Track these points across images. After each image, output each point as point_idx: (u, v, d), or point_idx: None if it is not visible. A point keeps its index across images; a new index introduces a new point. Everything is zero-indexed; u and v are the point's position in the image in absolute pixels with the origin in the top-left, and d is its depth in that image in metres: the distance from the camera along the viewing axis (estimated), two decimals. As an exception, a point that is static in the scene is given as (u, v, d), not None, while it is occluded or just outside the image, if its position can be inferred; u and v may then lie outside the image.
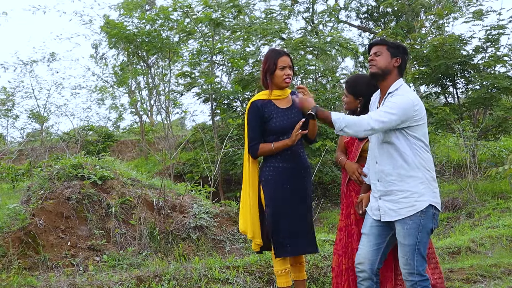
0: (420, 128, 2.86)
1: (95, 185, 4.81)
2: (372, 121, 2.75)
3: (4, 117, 14.38)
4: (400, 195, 2.84)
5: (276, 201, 3.36)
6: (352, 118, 2.80)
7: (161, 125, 14.36)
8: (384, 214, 2.89)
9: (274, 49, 3.50)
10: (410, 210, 2.81)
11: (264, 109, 3.38)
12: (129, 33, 11.50)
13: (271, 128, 3.38)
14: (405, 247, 2.82)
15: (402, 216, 2.82)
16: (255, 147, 3.38)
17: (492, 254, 5.52)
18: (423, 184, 2.83)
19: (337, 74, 13.38)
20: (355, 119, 2.78)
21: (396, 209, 2.84)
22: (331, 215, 9.92)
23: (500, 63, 10.42)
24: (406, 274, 2.84)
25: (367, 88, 3.29)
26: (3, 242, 4.09)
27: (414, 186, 2.82)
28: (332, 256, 3.43)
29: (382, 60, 2.92)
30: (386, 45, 2.95)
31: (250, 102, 3.44)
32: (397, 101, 2.80)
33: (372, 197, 3.01)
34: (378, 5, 18.84)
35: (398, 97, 2.84)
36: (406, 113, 2.78)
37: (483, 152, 10.53)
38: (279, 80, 3.39)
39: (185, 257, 4.47)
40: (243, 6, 11.56)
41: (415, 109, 2.82)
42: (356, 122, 2.77)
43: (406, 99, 2.82)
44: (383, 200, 2.90)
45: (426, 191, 2.83)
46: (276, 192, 3.37)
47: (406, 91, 2.89)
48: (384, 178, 2.89)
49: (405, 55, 2.96)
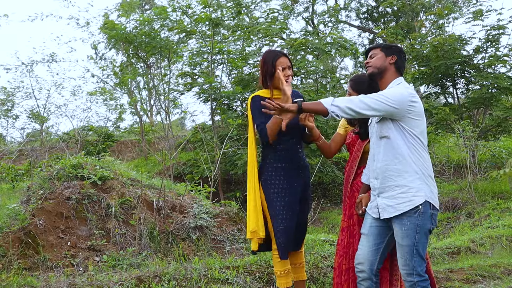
0: (418, 125, 2.86)
1: (95, 185, 4.81)
2: (360, 103, 2.75)
3: (4, 117, 14.39)
4: (398, 190, 2.85)
5: (276, 201, 3.37)
6: (342, 98, 2.82)
7: (161, 125, 14.36)
8: (383, 211, 2.90)
9: (271, 50, 3.49)
10: (407, 205, 2.81)
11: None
12: (128, 34, 11.53)
13: None
14: (404, 248, 2.83)
15: (400, 211, 2.82)
16: (264, 130, 3.32)
17: (492, 254, 5.52)
18: (420, 180, 2.84)
19: (337, 75, 13.37)
20: (344, 98, 2.80)
21: (393, 205, 2.85)
22: (331, 215, 9.92)
23: (500, 63, 10.43)
24: (405, 275, 2.85)
25: (370, 86, 3.31)
26: (3, 242, 4.09)
27: (411, 182, 2.83)
28: (334, 256, 3.43)
29: (377, 59, 3.00)
30: (379, 47, 3.04)
31: (252, 96, 3.44)
32: (393, 91, 2.84)
33: (372, 196, 3.03)
34: (377, 5, 18.86)
35: (395, 88, 2.89)
36: (401, 103, 2.79)
37: (483, 152, 10.53)
38: (278, 81, 3.37)
39: (185, 257, 4.47)
40: (247, 6, 11.56)
41: (412, 100, 2.82)
42: (345, 99, 2.78)
43: (403, 89, 2.85)
44: (381, 197, 2.92)
45: (423, 186, 2.83)
46: (275, 192, 3.37)
47: (406, 86, 2.91)
48: (381, 174, 2.91)
49: (401, 53, 3.00)
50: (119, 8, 13.92)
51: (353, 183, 3.38)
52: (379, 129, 2.92)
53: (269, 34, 10.47)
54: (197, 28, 10.62)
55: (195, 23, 10.24)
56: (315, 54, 11.47)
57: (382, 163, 2.90)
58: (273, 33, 10.42)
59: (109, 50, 14.69)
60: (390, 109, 2.78)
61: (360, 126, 3.34)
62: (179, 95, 12.19)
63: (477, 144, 9.61)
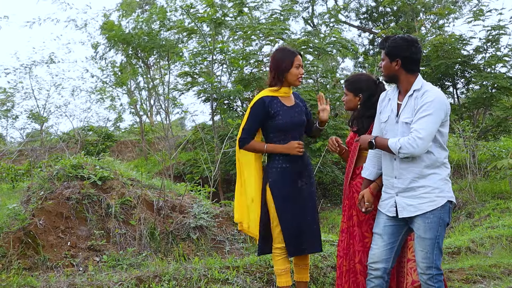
0: (447, 124, 2.87)
1: (95, 185, 4.81)
2: (419, 140, 2.73)
3: (4, 118, 14.38)
4: (422, 190, 2.84)
5: (286, 201, 3.39)
6: (403, 139, 2.77)
7: (160, 125, 14.36)
8: (402, 210, 2.89)
9: (287, 48, 3.53)
10: (430, 205, 2.82)
11: (271, 106, 3.41)
12: (126, 35, 11.52)
13: (275, 124, 3.41)
14: (426, 241, 2.83)
15: (422, 211, 2.83)
16: (246, 140, 3.43)
17: (492, 254, 5.52)
18: (442, 180, 2.86)
19: (337, 75, 13.36)
20: (405, 140, 2.76)
21: (415, 204, 2.84)
22: (331, 215, 9.91)
23: (500, 63, 10.43)
24: (425, 268, 2.84)
25: (366, 85, 3.32)
26: (3, 242, 4.09)
27: (435, 182, 2.84)
28: (335, 257, 3.44)
29: (384, 67, 2.95)
30: (383, 49, 2.95)
31: (258, 97, 3.45)
32: (432, 105, 2.76)
33: (386, 194, 2.99)
34: (377, 6, 18.86)
35: (431, 98, 2.78)
36: (445, 112, 2.81)
37: (483, 152, 10.53)
38: (293, 78, 3.43)
39: (185, 257, 4.47)
40: (250, 8, 11.56)
41: (448, 103, 2.84)
42: (406, 142, 2.75)
43: (440, 98, 2.81)
44: (401, 197, 2.89)
45: (445, 187, 2.86)
46: (285, 192, 3.40)
47: (431, 89, 2.85)
48: (405, 175, 2.87)
49: (406, 52, 2.86)
50: (119, 8, 13.91)
51: (351, 183, 3.35)
52: (406, 130, 2.85)
53: (270, 34, 10.46)
54: (198, 28, 10.61)
55: (198, 21, 10.22)
56: (316, 54, 11.46)
57: (406, 164, 2.86)
58: (275, 32, 10.41)
59: (109, 51, 14.69)
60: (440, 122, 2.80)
61: (357, 123, 3.33)
62: (179, 95, 12.20)
63: (477, 144, 9.60)
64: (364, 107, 3.31)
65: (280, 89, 3.45)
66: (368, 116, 3.26)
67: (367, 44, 20.91)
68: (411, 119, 2.83)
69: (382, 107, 3.06)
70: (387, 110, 3.00)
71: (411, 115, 2.84)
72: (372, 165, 3.12)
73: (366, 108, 3.29)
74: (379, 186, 3.09)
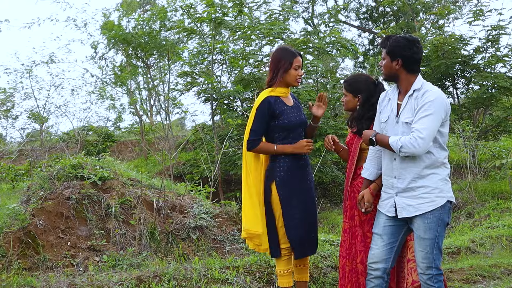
0: (447, 124, 2.87)
1: (95, 185, 4.81)
2: (420, 140, 2.73)
3: (3, 118, 14.37)
4: (421, 190, 2.84)
5: (293, 201, 3.38)
6: (405, 138, 2.77)
7: (160, 125, 14.35)
8: (402, 210, 2.89)
9: (288, 48, 3.49)
10: (430, 205, 2.82)
11: (276, 106, 3.41)
12: (126, 35, 11.50)
13: (280, 124, 3.40)
14: (425, 241, 2.83)
15: (422, 211, 2.83)
16: (256, 142, 3.38)
17: (492, 254, 5.52)
18: (442, 180, 2.86)
19: (337, 75, 13.37)
20: (406, 139, 2.76)
21: (415, 205, 2.84)
22: (331, 215, 9.91)
23: (500, 63, 10.43)
24: (424, 268, 2.84)
25: (365, 85, 3.32)
26: (3, 242, 4.09)
27: (435, 182, 2.84)
28: (335, 256, 3.44)
29: (385, 66, 2.95)
30: (384, 47, 2.94)
31: (263, 97, 3.44)
32: (433, 105, 2.76)
33: (386, 194, 2.99)
34: (377, 6, 18.87)
35: (431, 98, 2.78)
36: (445, 112, 2.81)
37: (483, 152, 10.52)
38: (292, 79, 3.42)
39: (185, 257, 4.47)
40: (250, 8, 11.56)
41: (448, 103, 2.84)
42: (407, 142, 2.75)
43: (440, 98, 2.81)
44: (401, 197, 2.89)
45: (445, 187, 2.86)
46: (294, 191, 3.39)
47: (431, 89, 2.85)
48: (404, 175, 2.87)
49: (407, 52, 2.85)
50: (119, 8, 13.89)
51: (352, 183, 3.35)
52: (406, 130, 2.85)
53: (270, 34, 10.46)
54: (198, 28, 10.61)
55: (198, 21, 10.22)
56: (315, 54, 11.46)
57: (405, 163, 2.86)
58: (275, 32, 10.41)
59: (109, 50, 14.69)
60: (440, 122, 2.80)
61: (356, 124, 3.33)
62: (179, 95, 12.20)
63: (477, 144, 9.60)
64: (363, 107, 3.31)
65: (280, 89, 3.44)
66: (367, 117, 3.26)
67: (367, 44, 20.93)
68: (411, 119, 2.83)
69: (382, 107, 3.06)
70: (387, 110, 3.00)
71: (411, 115, 2.83)
72: (372, 165, 3.12)
73: (365, 109, 3.29)
74: (379, 186, 3.09)
